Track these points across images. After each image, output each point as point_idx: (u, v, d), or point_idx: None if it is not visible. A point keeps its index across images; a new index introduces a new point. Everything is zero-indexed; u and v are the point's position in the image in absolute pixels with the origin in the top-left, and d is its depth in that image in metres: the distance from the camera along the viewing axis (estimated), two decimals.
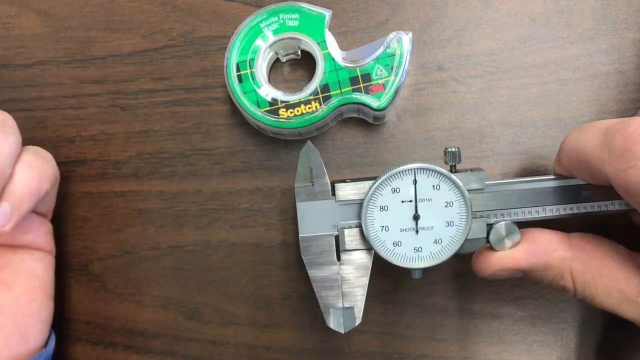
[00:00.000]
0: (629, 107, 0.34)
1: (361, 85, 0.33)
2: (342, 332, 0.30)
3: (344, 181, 0.30)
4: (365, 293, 0.30)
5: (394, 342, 0.35)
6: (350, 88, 0.33)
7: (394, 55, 0.33)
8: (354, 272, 0.30)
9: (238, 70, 0.33)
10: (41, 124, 0.37)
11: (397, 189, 0.29)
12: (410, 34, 0.33)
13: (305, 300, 0.36)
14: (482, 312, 0.35)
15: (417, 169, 0.29)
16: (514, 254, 0.29)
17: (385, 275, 0.35)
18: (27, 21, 0.37)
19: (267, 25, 0.33)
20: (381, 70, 0.33)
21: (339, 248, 0.30)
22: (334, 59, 0.33)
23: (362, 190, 0.30)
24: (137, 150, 0.36)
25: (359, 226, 0.30)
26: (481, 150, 0.35)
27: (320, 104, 0.33)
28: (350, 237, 0.30)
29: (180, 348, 0.36)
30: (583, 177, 0.28)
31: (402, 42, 0.33)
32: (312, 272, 0.30)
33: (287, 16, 0.33)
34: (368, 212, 0.29)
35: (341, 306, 0.30)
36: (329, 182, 0.30)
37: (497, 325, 0.35)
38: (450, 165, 0.30)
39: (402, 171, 0.29)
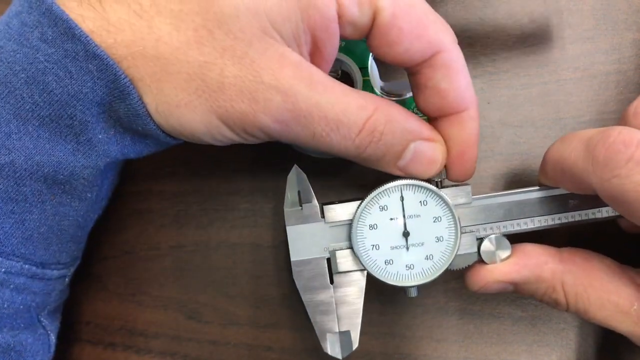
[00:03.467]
0: None
1: None
2: (340, 358, 0.29)
3: (332, 203, 0.30)
4: (361, 315, 0.30)
5: (394, 342, 0.35)
6: None
7: None
8: (349, 295, 0.30)
9: None
10: None
11: (385, 207, 0.29)
12: None
13: None
14: (482, 312, 0.35)
15: (404, 185, 0.29)
16: (505, 266, 0.29)
17: None
18: None
19: None
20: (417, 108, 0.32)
21: (332, 271, 0.30)
22: (373, 88, 0.32)
23: (351, 211, 0.29)
24: None
25: (351, 247, 0.29)
26: (481, 150, 0.35)
27: None
28: (342, 259, 0.29)
29: (180, 348, 0.36)
30: (569, 187, 0.28)
31: None
32: (306, 297, 0.30)
33: None
34: (358, 231, 0.29)
35: (337, 330, 0.29)
36: (317, 205, 0.30)
37: (497, 325, 0.35)
38: (436, 182, 0.29)
39: (388, 188, 0.29)
